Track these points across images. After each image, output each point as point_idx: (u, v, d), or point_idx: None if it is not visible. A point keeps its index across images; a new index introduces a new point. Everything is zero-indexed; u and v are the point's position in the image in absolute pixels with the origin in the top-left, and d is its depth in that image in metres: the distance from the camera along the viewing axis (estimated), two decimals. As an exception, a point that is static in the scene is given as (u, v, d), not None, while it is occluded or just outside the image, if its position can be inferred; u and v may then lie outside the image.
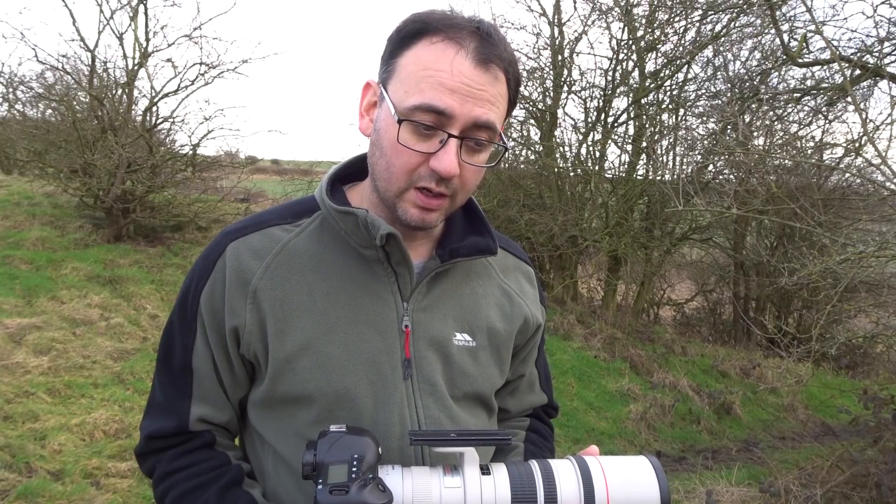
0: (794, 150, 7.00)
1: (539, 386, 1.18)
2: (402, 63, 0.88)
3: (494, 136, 0.88)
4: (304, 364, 0.91)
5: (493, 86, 0.86)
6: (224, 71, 8.02)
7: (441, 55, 0.85)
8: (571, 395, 6.04)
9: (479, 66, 0.85)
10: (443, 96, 0.84)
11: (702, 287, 10.83)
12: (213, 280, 0.93)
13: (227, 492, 0.93)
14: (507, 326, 1.03)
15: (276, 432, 0.96)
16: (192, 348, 0.95)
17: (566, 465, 0.84)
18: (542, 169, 8.90)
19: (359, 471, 0.77)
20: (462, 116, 0.84)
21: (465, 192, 0.92)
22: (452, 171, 0.85)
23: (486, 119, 0.85)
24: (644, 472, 0.83)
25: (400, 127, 0.86)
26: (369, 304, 0.94)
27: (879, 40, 5.02)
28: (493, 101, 0.87)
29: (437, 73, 0.84)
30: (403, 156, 0.86)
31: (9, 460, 3.32)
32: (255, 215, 1.01)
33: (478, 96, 0.85)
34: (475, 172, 0.90)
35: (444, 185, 0.87)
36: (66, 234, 7.42)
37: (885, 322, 5.44)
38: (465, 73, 0.84)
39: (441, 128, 0.85)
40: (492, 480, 0.81)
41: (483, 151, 0.89)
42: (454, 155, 0.85)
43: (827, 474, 4.19)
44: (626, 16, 8.05)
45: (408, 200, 0.89)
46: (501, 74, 0.88)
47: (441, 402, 0.96)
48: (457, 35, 0.85)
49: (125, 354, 5.04)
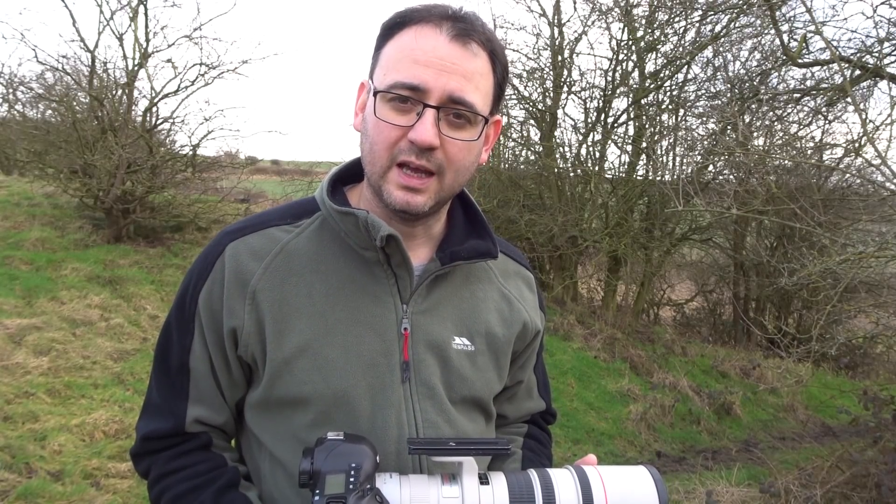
0: (793, 151, 7.01)
1: (537, 392, 1.17)
2: (385, 52, 0.90)
3: (476, 119, 0.88)
4: (303, 366, 0.91)
5: (471, 61, 0.87)
6: (224, 71, 8.04)
7: (418, 36, 0.87)
8: (571, 396, 6.04)
9: (455, 40, 0.86)
10: (416, 71, 0.85)
11: (702, 287, 10.84)
12: (212, 280, 0.93)
13: (223, 494, 0.92)
14: (506, 332, 1.03)
15: (272, 435, 0.95)
16: (190, 349, 0.94)
17: (565, 475, 0.83)
18: (542, 169, 8.90)
19: (356, 481, 0.76)
20: (437, 89, 0.85)
21: (454, 171, 0.90)
22: (429, 140, 0.84)
23: (462, 93, 0.86)
24: (643, 483, 0.82)
25: (376, 100, 0.87)
26: (368, 306, 0.94)
27: (879, 40, 5.03)
28: (470, 77, 0.87)
29: (413, 51, 0.86)
30: (384, 131, 0.87)
31: (9, 461, 3.32)
32: (254, 216, 1.01)
33: (453, 70, 0.85)
34: (461, 149, 0.89)
35: (426, 158, 0.86)
36: (66, 235, 7.42)
37: (885, 322, 5.44)
38: (441, 48, 0.86)
39: (418, 100, 0.85)
40: (490, 491, 0.80)
41: (466, 128, 0.88)
42: (430, 125, 0.85)
43: (827, 474, 4.19)
44: (625, 16, 8.05)
45: (391, 181, 0.89)
46: (481, 50, 0.88)
47: (439, 405, 0.96)
48: (436, 21, 0.87)
49: (125, 355, 5.04)
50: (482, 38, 0.88)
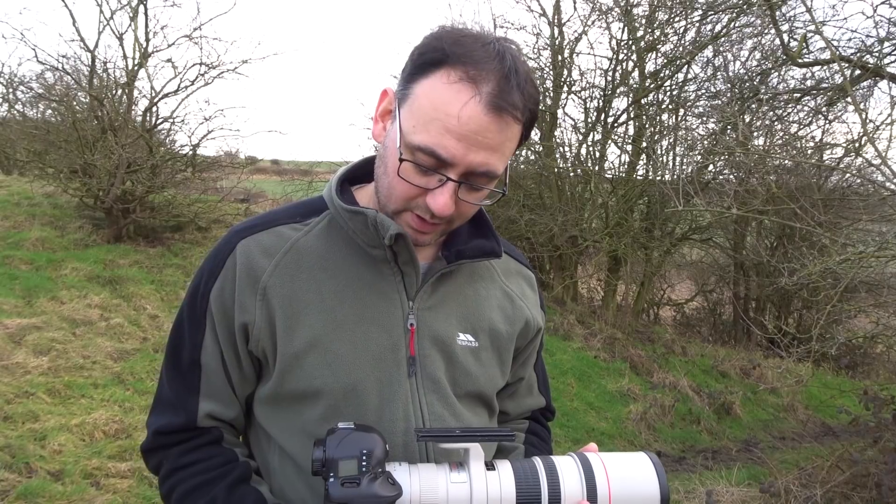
0: (794, 150, 7.01)
1: (537, 389, 1.20)
2: (417, 92, 0.86)
3: (493, 181, 0.89)
4: (312, 361, 0.92)
5: (503, 132, 0.85)
6: (224, 71, 8.02)
7: (454, 98, 0.82)
8: (571, 396, 6.04)
9: (491, 112, 0.82)
10: (447, 143, 0.83)
11: (702, 287, 10.84)
12: (224, 277, 0.94)
13: (235, 488, 0.93)
14: (508, 328, 1.05)
15: (282, 429, 0.97)
16: (202, 345, 0.95)
17: (568, 461, 0.86)
18: (542, 169, 8.90)
19: (368, 465, 0.79)
20: (463, 163, 0.85)
21: (462, 220, 0.95)
22: (445, 212, 0.87)
23: (487, 167, 0.86)
24: (644, 468, 0.85)
25: (401, 164, 0.87)
26: (376, 303, 0.95)
27: (879, 40, 5.03)
28: (498, 148, 0.86)
29: (447, 117, 0.82)
30: (404, 186, 0.88)
31: (9, 460, 3.32)
32: (263, 214, 1.02)
33: (482, 144, 0.84)
34: (473, 207, 0.92)
35: (438, 219, 0.90)
36: (66, 235, 7.42)
37: (885, 322, 5.45)
38: (475, 121, 0.82)
39: (440, 170, 0.85)
40: (497, 476, 0.82)
41: (483, 190, 0.90)
42: (449, 197, 0.86)
43: (827, 474, 4.19)
44: (626, 16, 8.06)
45: (404, 220, 0.92)
46: (514, 122, 0.86)
47: (444, 399, 0.97)
48: (476, 74, 0.82)
49: (125, 355, 5.04)
50: (520, 110, 0.85)
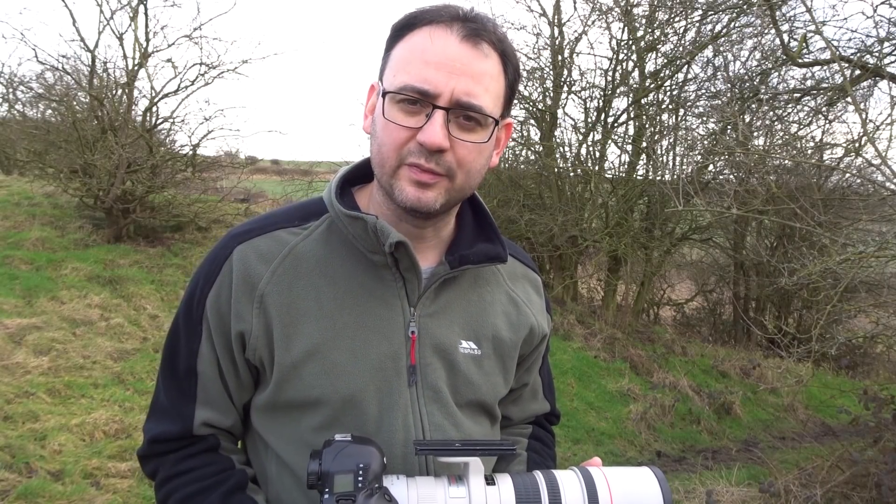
0: (794, 150, 7.00)
1: (542, 394, 1.17)
2: (394, 53, 0.89)
3: (486, 126, 0.87)
4: (311, 370, 0.90)
5: (482, 62, 0.85)
6: (224, 71, 8.03)
7: (427, 38, 0.85)
8: (571, 396, 6.04)
9: (466, 41, 0.85)
10: (426, 74, 0.83)
11: (702, 287, 10.83)
12: (220, 284, 0.92)
13: (230, 497, 0.92)
14: (512, 336, 1.02)
15: (279, 437, 0.95)
16: (198, 352, 0.94)
17: (570, 476, 0.84)
18: (542, 169, 8.90)
19: (365, 480, 0.77)
20: (447, 90, 0.83)
21: (465, 172, 0.88)
22: (438, 142, 0.83)
23: (471, 97, 0.84)
24: (648, 484, 0.83)
25: (385, 101, 0.86)
26: (376, 310, 0.93)
27: (879, 40, 5.03)
28: (480, 78, 0.85)
29: (423, 52, 0.85)
30: (392, 132, 0.86)
31: (9, 460, 3.32)
32: (261, 217, 1.00)
33: (463, 71, 0.84)
34: (471, 151, 0.87)
35: (436, 161, 0.85)
36: (66, 235, 7.42)
37: (885, 322, 5.44)
38: (451, 49, 0.84)
39: (427, 101, 0.84)
40: (497, 491, 0.80)
41: (476, 130, 0.87)
42: (440, 126, 0.83)
43: (827, 474, 4.19)
44: (626, 16, 8.05)
45: (402, 178, 0.87)
46: (492, 51, 0.87)
47: (445, 408, 0.95)
48: (445, 19, 0.86)
49: (125, 355, 5.04)
50: (493, 39, 0.87)
